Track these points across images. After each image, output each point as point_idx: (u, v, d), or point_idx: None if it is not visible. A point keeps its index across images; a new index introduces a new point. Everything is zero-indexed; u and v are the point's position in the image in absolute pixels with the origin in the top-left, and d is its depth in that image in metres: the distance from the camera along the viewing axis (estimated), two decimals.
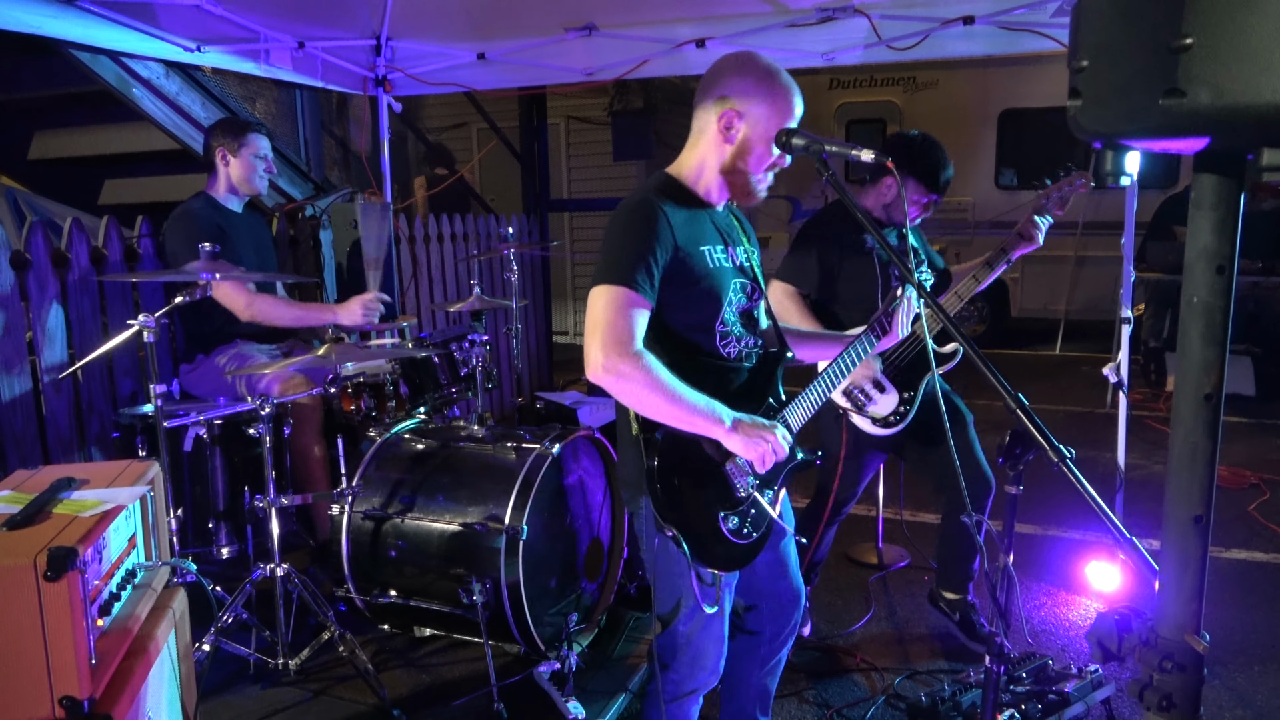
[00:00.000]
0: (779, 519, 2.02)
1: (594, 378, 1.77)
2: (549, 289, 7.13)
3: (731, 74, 1.91)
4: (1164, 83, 0.75)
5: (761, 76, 1.90)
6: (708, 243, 1.93)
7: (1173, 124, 0.76)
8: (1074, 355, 8.67)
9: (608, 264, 1.80)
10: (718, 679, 2.06)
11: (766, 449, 1.82)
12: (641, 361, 1.74)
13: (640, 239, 1.81)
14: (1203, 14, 0.73)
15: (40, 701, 1.48)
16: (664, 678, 2.02)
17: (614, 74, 4.75)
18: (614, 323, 1.75)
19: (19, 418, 3.30)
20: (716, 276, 1.92)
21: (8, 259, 3.26)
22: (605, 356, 1.74)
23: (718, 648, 2.00)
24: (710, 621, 1.95)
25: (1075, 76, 0.82)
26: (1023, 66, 8.39)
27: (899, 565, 3.97)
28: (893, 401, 3.01)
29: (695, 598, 1.90)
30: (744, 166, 1.92)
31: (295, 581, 2.74)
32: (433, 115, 10.43)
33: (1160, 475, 5.08)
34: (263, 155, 3.48)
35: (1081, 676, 2.79)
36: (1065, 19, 3.78)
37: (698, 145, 1.97)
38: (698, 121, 1.97)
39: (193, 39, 3.97)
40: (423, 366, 3.23)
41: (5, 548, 1.50)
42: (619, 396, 1.80)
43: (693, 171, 1.98)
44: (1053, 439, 1.40)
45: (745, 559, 1.97)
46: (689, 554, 1.83)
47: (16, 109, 5.35)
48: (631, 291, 1.76)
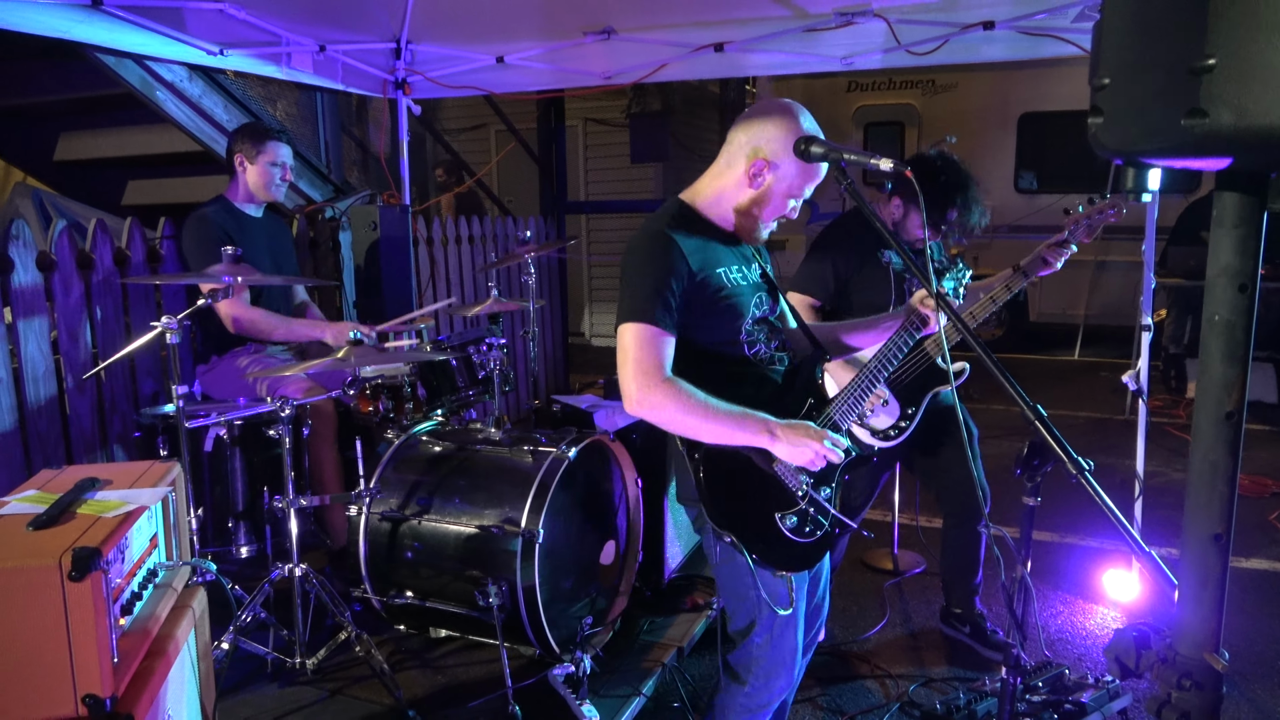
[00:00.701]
0: (839, 515, 2.04)
1: (631, 410, 1.86)
2: (565, 291, 7.15)
3: (774, 125, 1.92)
4: (1186, 103, 0.75)
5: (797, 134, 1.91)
6: (723, 264, 1.98)
7: (1194, 144, 0.76)
8: (1093, 360, 8.61)
9: (628, 301, 1.88)
10: (792, 691, 2.10)
11: (812, 454, 1.85)
12: (672, 389, 1.82)
13: (655, 273, 1.87)
14: (1225, 35, 0.73)
15: (64, 700, 1.50)
16: (737, 690, 2.06)
17: (632, 77, 4.76)
18: (641, 358, 1.83)
19: (43, 417, 3.34)
20: (735, 294, 1.97)
21: (34, 260, 3.31)
22: (638, 390, 1.83)
23: (793, 656, 2.03)
24: (785, 631, 1.98)
25: (1096, 94, 0.82)
26: (1044, 69, 8.33)
27: (914, 571, 3.96)
28: (894, 414, 3.00)
29: (767, 607, 1.93)
30: (758, 213, 1.98)
31: (313, 581, 2.76)
32: (451, 117, 10.48)
33: (1180, 483, 5.05)
34: (280, 163, 3.50)
35: (1098, 686, 2.78)
36: (1086, 24, 3.75)
37: (721, 176, 2.01)
38: (726, 154, 1.99)
39: (216, 42, 4.01)
40: (440, 369, 3.25)
41: (30, 548, 1.52)
42: (660, 424, 1.87)
43: (709, 200, 2.03)
44: (1071, 451, 1.40)
45: (813, 558, 2.01)
46: (750, 557, 1.87)
47: (42, 112, 5.42)
48: (652, 326, 1.84)
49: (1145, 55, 0.77)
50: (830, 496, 2.03)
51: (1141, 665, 0.99)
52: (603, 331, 10.56)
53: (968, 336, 1.55)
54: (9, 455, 3.23)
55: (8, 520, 1.64)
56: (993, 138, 9.03)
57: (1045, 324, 9.22)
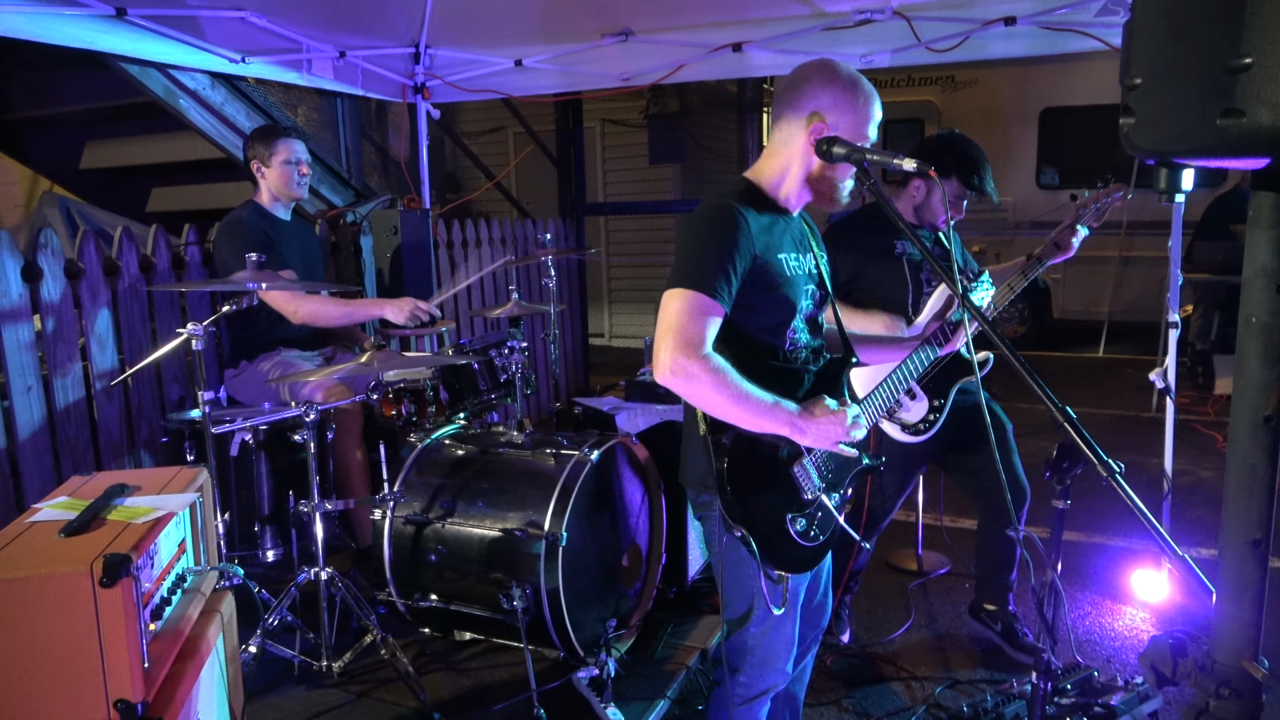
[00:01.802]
0: (844, 523, 2.03)
1: (662, 379, 1.77)
2: (585, 292, 7.16)
3: (819, 86, 1.89)
4: (1221, 102, 0.74)
5: (848, 87, 1.90)
6: (785, 250, 1.94)
7: (1231, 143, 0.75)
8: (1117, 358, 8.51)
9: (686, 267, 1.80)
10: (787, 680, 2.08)
11: (837, 438, 1.82)
12: (710, 363, 1.75)
13: (721, 245, 1.80)
14: (1262, 34, 0.71)
15: (95, 705, 1.52)
16: (733, 680, 2.04)
17: (650, 79, 4.76)
18: (686, 326, 1.75)
19: (72, 423, 3.38)
20: (792, 284, 1.92)
21: (62, 268, 3.35)
22: (674, 359, 1.74)
23: (787, 649, 2.02)
24: (781, 623, 1.97)
25: (1128, 94, 0.81)
26: (1066, 63, 8.24)
27: (939, 572, 3.93)
28: (923, 409, 2.98)
29: (764, 600, 1.92)
30: (832, 175, 1.92)
31: (339, 585, 2.78)
32: (469, 120, 10.52)
33: (1208, 482, 4.98)
34: (295, 160, 3.47)
35: (1128, 689, 2.74)
36: (1110, 18, 3.71)
37: (781, 154, 1.95)
38: (781, 131, 1.95)
39: (238, 50, 4.05)
40: (463, 373, 3.26)
41: (62, 554, 1.54)
42: (688, 398, 1.81)
43: (774, 179, 1.97)
44: (1101, 452, 1.38)
45: (812, 561, 1.99)
46: (758, 554, 1.84)
47: (69, 121, 5.50)
48: (708, 298, 1.77)
49: (1179, 55, 0.76)
50: (838, 504, 2.01)
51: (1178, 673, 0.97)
52: (623, 333, 10.57)
53: (995, 340, 1.54)
54: (40, 460, 3.28)
55: (40, 527, 1.66)
56: (1014, 133, 8.95)
57: (1068, 321, 9.13)
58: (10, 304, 3.17)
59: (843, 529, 2.03)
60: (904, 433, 3.00)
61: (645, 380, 3.75)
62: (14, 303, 3.18)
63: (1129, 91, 0.81)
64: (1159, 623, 3.41)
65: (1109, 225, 9.02)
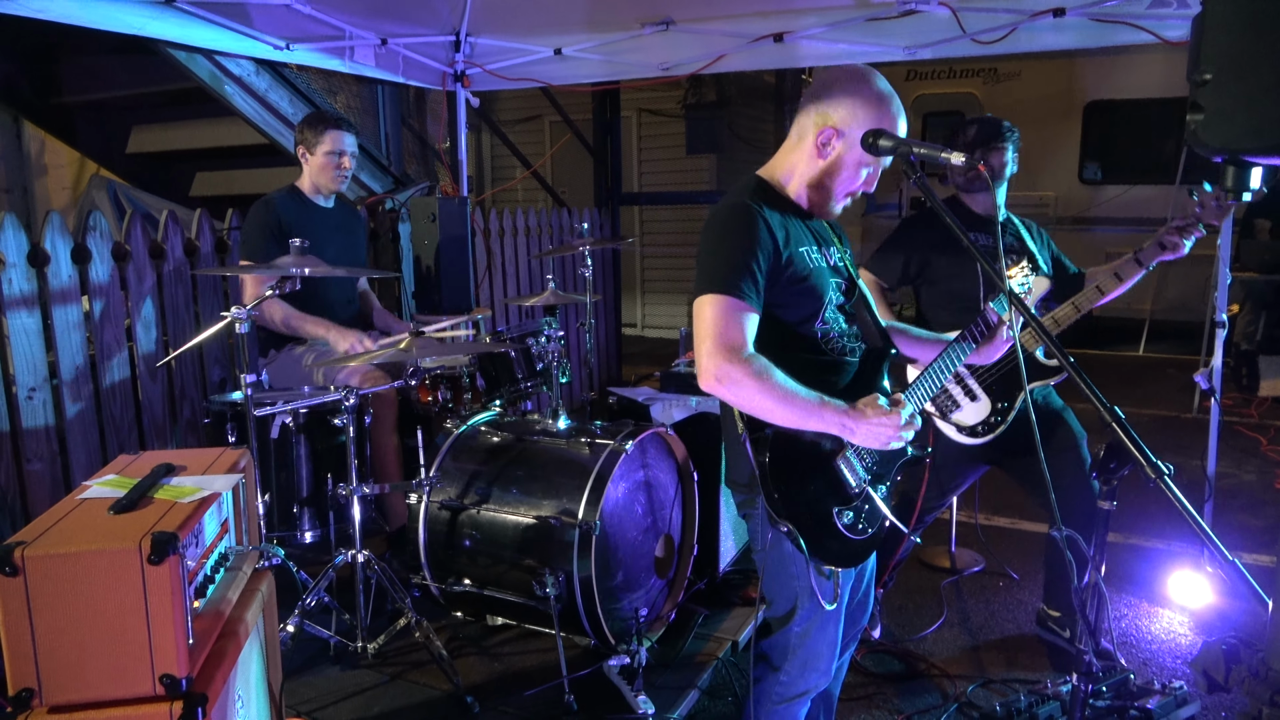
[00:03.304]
0: (892, 516, 2.01)
1: (706, 386, 1.76)
2: (619, 282, 7.16)
3: (841, 91, 1.86)
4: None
5: (870, 101, 1.85)
6: (804, 244, 1.93)
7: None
8: (1159, 357, 8.35)
9: (711, 271, 1.79)
10: (829, 680, 2.06)
11: (892, 431, 1.79)
12: (753, 366, 1.73)
13: (741, 245, 1.80)
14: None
15: (142, 679, 1.55)
16: (773, 679, 2.03)
17: (690, 69, 4.74)
18: (724, 331, 1.74)
19: (117, 403, 3.45)
20: (816, 276, 1.91)
21: (110, 250, 3.42)
22: (717, 365, 1.73)
23: (831, 650, 2.00)
24: (825, 622, 1.95)
25: (1196, 90, 0.79)
26: (1111, 56, 8.09)
27: (972, 570, 3.89)
28: (983, 411, 2.92)
29: (812, 597, 1.90)
30: (830, 185, 1.91)
31: (375, 568, 2.81)
32: (506, 109, 10.54)
33: (1251, 485, 4.88)
34: (338, 152, 3.46)
35: (1165, 693, 2.70)
36: (1162, 10, 3.63)
37: (793, 151, 1.95)
38: (798, 127, 1.94)
39: (282, 37, 4.09)
40: (499, 360, 3.28)
41: (112, 531, 1.57)
42: (734, 402, 1.80)
43: (784, 175, 1.98)
44: (1150, 454, 1.36)
45: (861, 555, 1.98)
46: (806, 549, 1.82)
47: (117, 106, 5.60)
48: (736, 299, 1.76)
49: (1254, 49, 0.74)
50: (885, 496, 1.99)
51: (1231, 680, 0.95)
52: (655, 322, 10.56)
53: (1041, 336, 1.51)
54: (87, 438, 3.35)
55: (90, 504, 1.70)
56: (1057, 127, 8.80)
57: (1109, 318, 8.96)
58: (61, 285, 3.24)
59: (891, 522, 2.01)
60: (961, 434, 2.95)
61: (680, 371, 3.75)
62: (64, 284, 3.25)
63: (1198, 87, 0.79)
64: (1198, 627, 3.35)
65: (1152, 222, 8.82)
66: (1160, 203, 8.31)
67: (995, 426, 2.89)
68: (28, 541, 1.51)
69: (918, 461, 2.05)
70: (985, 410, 2.91)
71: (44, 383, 3.21)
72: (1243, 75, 0.74)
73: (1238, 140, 0.77)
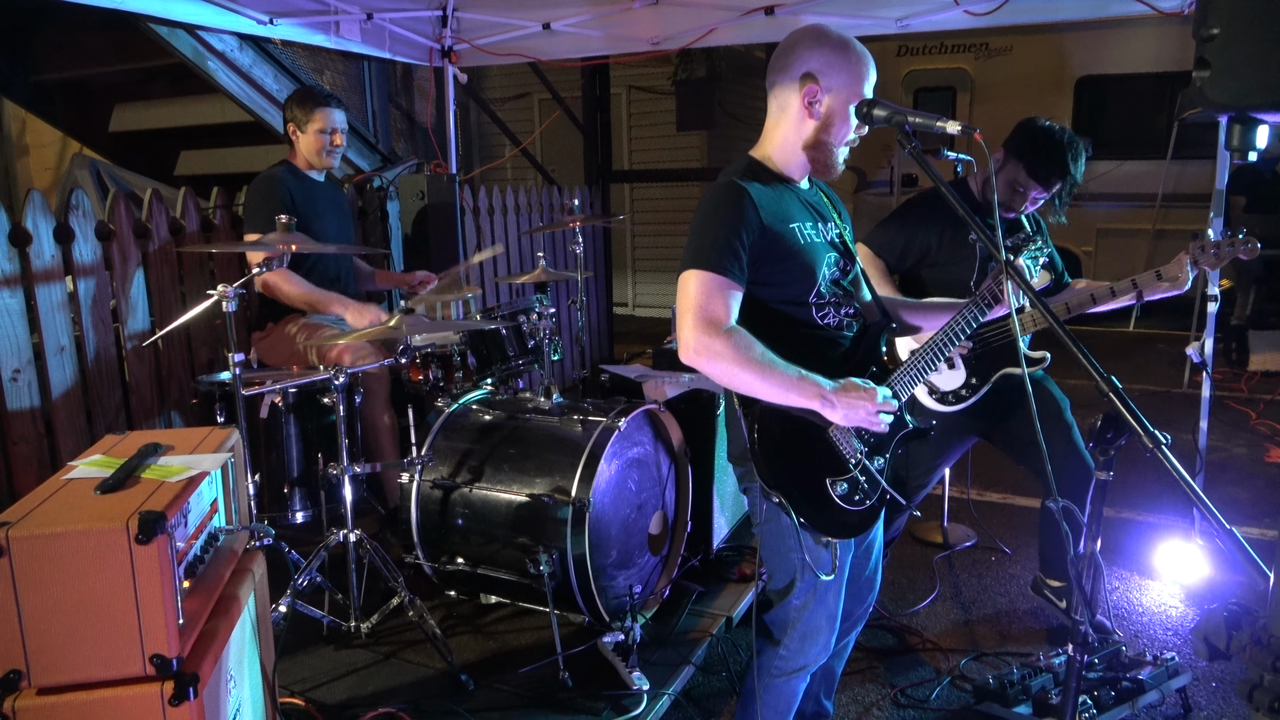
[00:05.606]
0: (890, 488, 2.00)
1: (686, 359, 1.79)
2: (610, 260, 7.13)
3: (809, 49, 1.89)
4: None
5: (838, 48, 1.89)
6: (796, 220, 1.93)
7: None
8: (1150, 332, 8.38)
9: (695, 249, 1.82)
10: (828, 655, 2.07)
11: (865, 414, 1.80)
12: (733, 339, 1.76)
13: (725, 222, 1.82)
14: None
15: (132, 660, 1.54)
16: (772, 653, 2.04)
17: (680, 43, 4.69)
18: (704, 305, 1.78)
19: (104, 384, 3.42)
20: (808, 252, 1.91)
21: (93, 229, 3.37)
22: (697, 338, 1.76)
23: (830, 624, 2.00)
24: (825, 595, 1.96)
25: (1203, 45, 0.77)
26: (1104, 30, 8.04)
27: (964, 545, 3.91)
28: (957, 379, 2.93)
29: (809, 569, 1.91)
30: (827, 139, 1.91)
31: (367, 547, 2.80)
32: (495, 85, 10.44)
33: (1241, 459, 4.90)
34: (329, 130, 3.43)
35: (1156, 664, 2.72)
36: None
37: (780, 124, 1.96)
38: (777, 100, 1.95)
39: (265, 12, 4.02)
40: (491, 338, 3.25)
41: (98, 511, 1.55)
42: (713, 376, 1.81)
43: (776, 151, 1.98)
44: (1147, 423, 1.35)
45: (861, 526, 1.98)
46: (797, 519, 1.84)
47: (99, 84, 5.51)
48: (718, 275, 1.79)
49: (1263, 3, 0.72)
50: (883, 468, 1.99)
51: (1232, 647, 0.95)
52: (647, 301, 10.53)
53: (1041, 309, 1.50)
54: (73, 420, 3.32)
55: (76, 484, 1.68)
56: (1049, 102, 8.75)
57: None
58: (43, 265, 3.19)
59: (890, 494, 2.01)
60: (930, 397, 2.95)
61: (673, 348, 3.72)
62: (47, 264, 3.20)
63: (1204, 43, 0.77)
64: (1189, 599, 3.38)
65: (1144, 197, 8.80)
66: (1152, 178, 8.30)
67: (963, 399, 2.89)
68: (12, 522, 1.49)
69: (920, 434, 2.04)
70: (959, 380, 2.91)
71: (28, 364, 3.17)
72: (1251, 30, 0.72)
73: (1246, 97, 0.75)
